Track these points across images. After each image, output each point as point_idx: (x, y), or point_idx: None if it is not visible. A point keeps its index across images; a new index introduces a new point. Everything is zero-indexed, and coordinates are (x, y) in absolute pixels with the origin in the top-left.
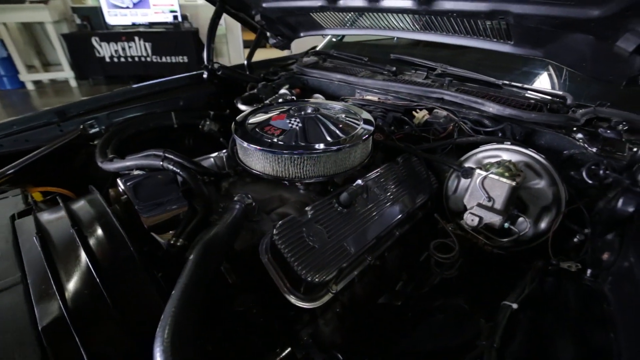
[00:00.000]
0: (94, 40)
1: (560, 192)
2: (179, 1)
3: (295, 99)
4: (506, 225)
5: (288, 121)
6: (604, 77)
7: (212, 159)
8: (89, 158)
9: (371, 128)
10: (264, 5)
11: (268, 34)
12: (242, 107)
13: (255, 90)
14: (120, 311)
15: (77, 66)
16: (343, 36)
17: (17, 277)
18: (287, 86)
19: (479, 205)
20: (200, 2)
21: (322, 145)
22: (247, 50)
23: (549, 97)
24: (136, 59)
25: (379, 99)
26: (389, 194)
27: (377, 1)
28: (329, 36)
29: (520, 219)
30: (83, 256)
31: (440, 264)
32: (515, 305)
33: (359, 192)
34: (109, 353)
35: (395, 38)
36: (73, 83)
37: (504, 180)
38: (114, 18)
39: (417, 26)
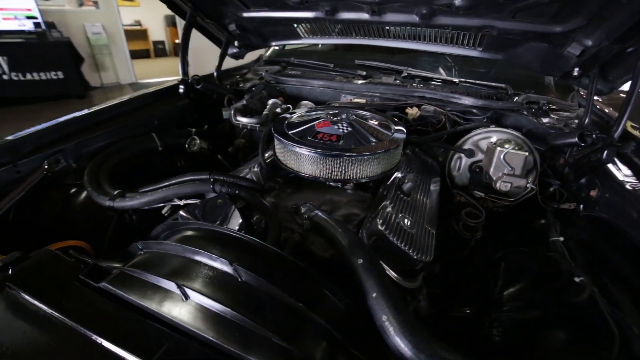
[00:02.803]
0: None
1: (536, 157)
2: (38, 6)
3: (290, 107)
4: (528, 185)
5: (336, 127)
6: (548, 72)
7: (249, 175)
8: (66, 201)
9: (403, 129)
10: (245, 14)
11: (236, 43)
12: (243, 119)
13: (245, 102)
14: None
15: None
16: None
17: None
18: (259, 95)
19: (506, 174)
20: (68, 7)
21: (382, 145)
22: (137, 62)
23: (495, 89)
24: None
25: (366, 101)
26: (420, 180)
27: (379, 16)
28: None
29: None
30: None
31: (469, 228)
32: (561, 238)
33: (416, 182)
34: None
35: (320, 45)
36: None
37: (521, 152)
38: None
39: (405, 35)
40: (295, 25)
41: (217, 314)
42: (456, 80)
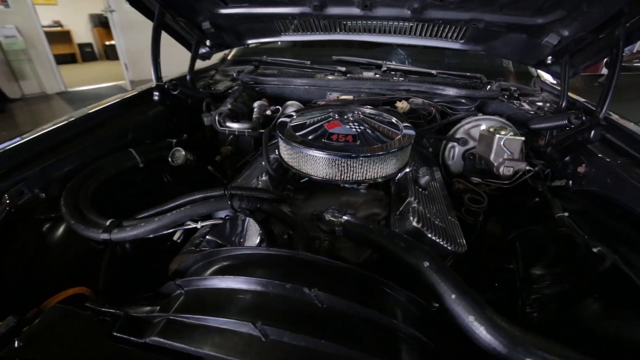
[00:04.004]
0: None
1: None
2: None
3: (280, 108)
4: (527, 167)
5: (348, 126)
6: (524, 61)
7: (259, 184)
8: (41, 240)
9: (410, 125)
10: (222, 11)
11: (208, 42)
12: (233, 125)
13: (230, 106)
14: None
15: None
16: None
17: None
18: (241, 97)
19: (507, 159)
20: None
21: (400, 143)
22: (63, 67)
23: (470, 79)
24: None
25: (353, 97)
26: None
27: (370, 10)
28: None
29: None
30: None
31: (472, 213)
32: (566, 214)
33: (431, 175)
34: None
35: (279, 43)
36: None
37: (518, 137)
38: None
39: (389, 30)
40: (276, 22)
41: (309, 349)
42: (434, 72)
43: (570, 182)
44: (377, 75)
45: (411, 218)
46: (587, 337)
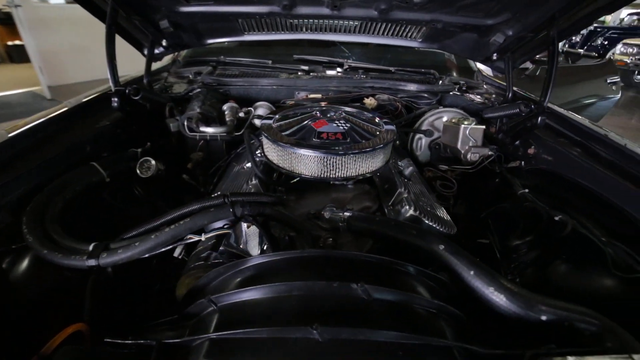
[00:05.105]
0: None
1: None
2: None
3: (253, 110)
4: (490, 152)
5: (334, 124)
6: (474, 58)
7: (251, 189)
8: (3, 274)
9: (388, 120)
10: (182, 9)
11: (164, 42)
12: (208, 130)
13: (199, 109)
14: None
15: None
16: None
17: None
18: (208, 100)
19: (473, 146)
20: None
21: (387, 138)
22: None
23: (424, 74)
24: None
25: (322, 95)
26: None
27: (339, 11)
28: None
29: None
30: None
31: (443, 197)
32: (527, 190)
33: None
34: None
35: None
36: None
37: (479, 126)
38: None
39: (354, 29)
40: (240, 21)
41: (367, 342)
42: (392, 69)
43: (523, 162)
44: (340, 74)
45: (407, 207)
46: (561, 293)
